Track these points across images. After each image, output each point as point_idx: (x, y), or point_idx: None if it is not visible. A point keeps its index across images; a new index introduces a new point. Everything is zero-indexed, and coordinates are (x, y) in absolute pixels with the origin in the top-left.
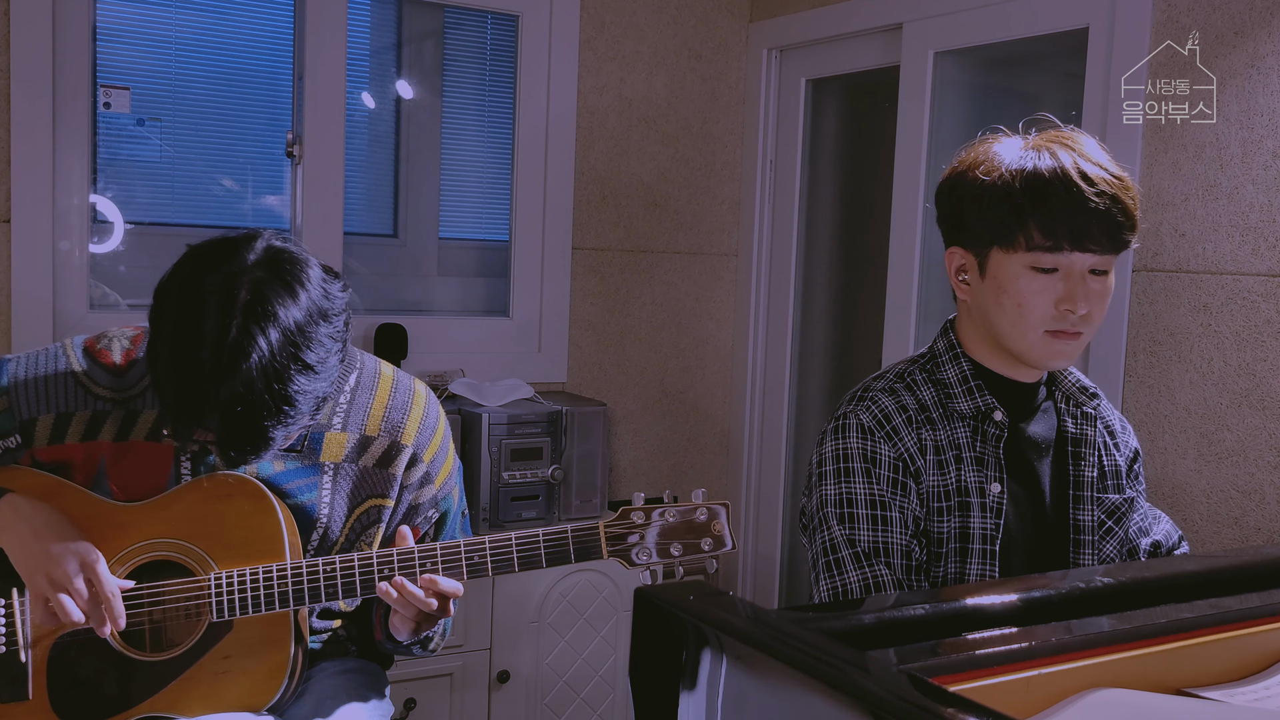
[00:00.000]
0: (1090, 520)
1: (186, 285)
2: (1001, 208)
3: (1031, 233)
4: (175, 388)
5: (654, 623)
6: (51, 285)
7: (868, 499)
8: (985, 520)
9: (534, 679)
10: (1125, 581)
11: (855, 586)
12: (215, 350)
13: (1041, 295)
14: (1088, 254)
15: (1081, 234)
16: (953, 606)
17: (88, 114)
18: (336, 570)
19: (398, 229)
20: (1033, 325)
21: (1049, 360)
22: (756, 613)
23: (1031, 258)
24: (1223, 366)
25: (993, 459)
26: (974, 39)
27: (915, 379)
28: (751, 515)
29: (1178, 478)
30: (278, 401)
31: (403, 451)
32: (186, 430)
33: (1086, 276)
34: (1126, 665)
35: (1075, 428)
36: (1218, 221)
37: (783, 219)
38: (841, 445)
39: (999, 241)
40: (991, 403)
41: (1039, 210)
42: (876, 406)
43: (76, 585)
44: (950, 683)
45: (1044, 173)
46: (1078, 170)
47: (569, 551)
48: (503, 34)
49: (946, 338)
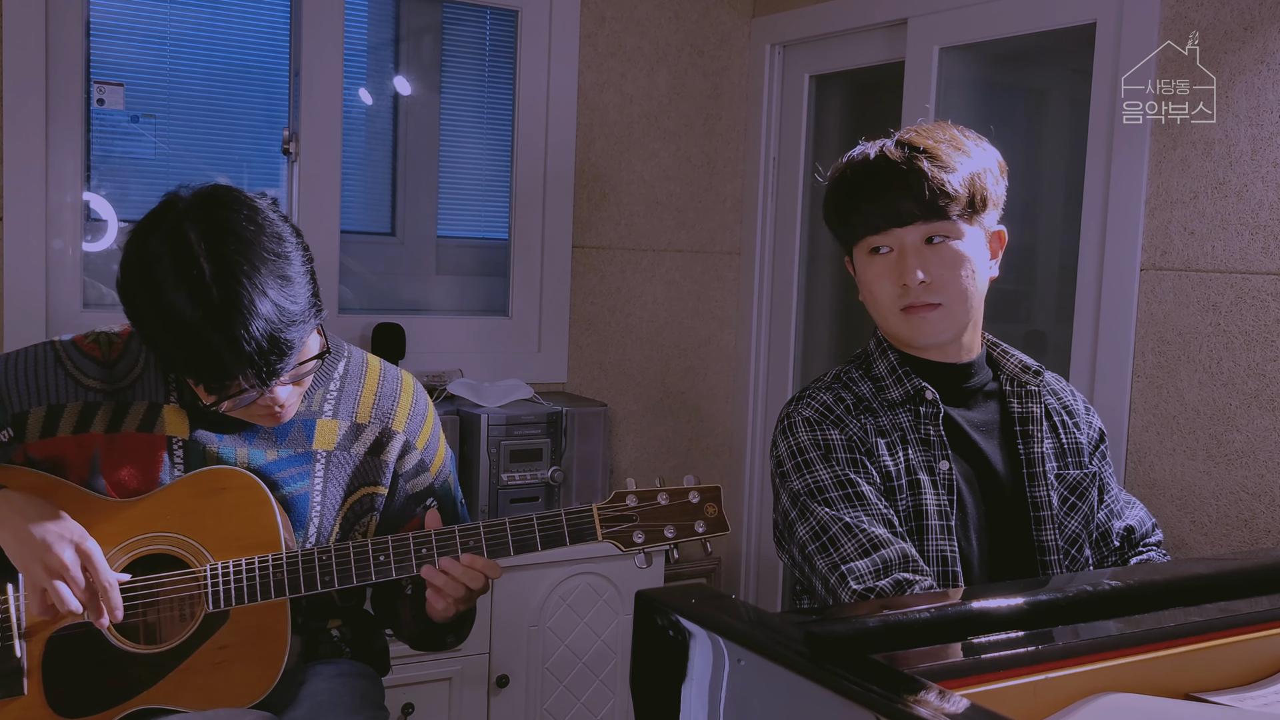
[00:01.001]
0: (1047, 497)
1: (142, 263)
2: (829, 211)
3: (853, 226)
4: (190, 353)
5: (656, 626)
6: (44, 284)
7: (834, 482)
8: (939, 496)
9: (533, 683)
10: (1133, 585)
11: (852, 553)
12: (202, 298)
13: (883, 277)
14: (908, 226)
15: (888, 208)
16: (958, 610)
17: (81, 110)
18: (332, 558)
19: (395, 227)
20: (887, 306)
21: (916, 337)
22: (759, 616)
23: (865, 244)
24: (1232, 366)
25: (936, 439)
26: (980, 34)
27: (851, 377)
28: (754, 517)
29: (1186, 479)
30: (283, 295)
31: (394, 438)
32: (224, 388)
33: (922, 249)
34: (1134, 669)
35: (1021, 407)
36: (1227, 219)
37: (786, 217)
38: (793, 442)
39: (845, 242)
40: (920, 384)
41: (844, 204)
42: (816, 401)
43: (73, 573)
44: (956, 687)
45: (844, 169)
46: (879, 153)
47: (563, 533)
48: (502, 29)
49: (875, 336)
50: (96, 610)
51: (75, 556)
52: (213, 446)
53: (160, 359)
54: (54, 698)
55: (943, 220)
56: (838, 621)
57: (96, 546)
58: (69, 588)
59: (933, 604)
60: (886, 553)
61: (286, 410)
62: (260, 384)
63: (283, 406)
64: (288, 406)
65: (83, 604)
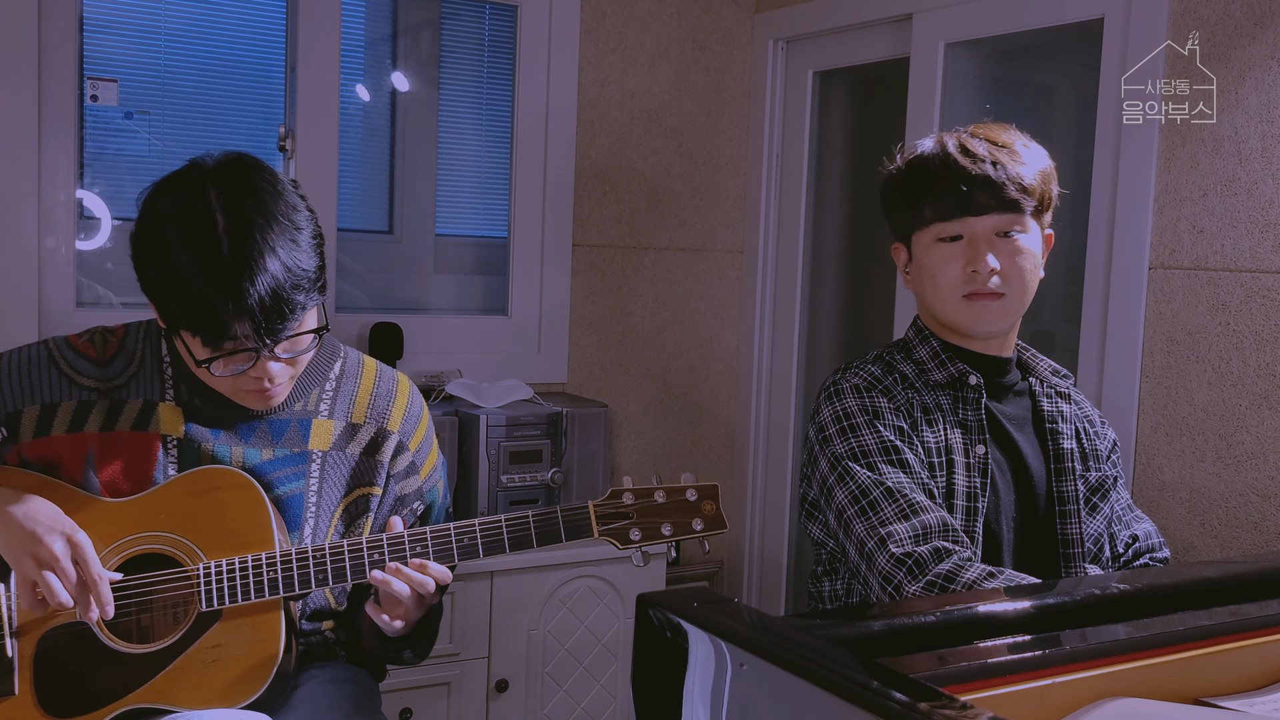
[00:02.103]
0: (1074, 491)
1: (158, 214)
2: (898, 195)
3: (924, 209)
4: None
5: (657, 630)
6: (37, 283)
7: (879, 447)
8: (970, 479)
9: (533, 687)
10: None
11: (892, 517)
12: (213, 248)
13: (950, 262)
14: (983, 216)
15: (967, 199)
16: (964, 613)
17: (74, 107)
18: (326, 556)
19: (393, 225)
20: (948, 291)
21: (976, 323)
22: (762, 620)
23: (934, 230)
24: (1242, 367)
25: (975, 422)
26: (986, 30)
27: (894, 358)
28: (757, 519)
29: (1196, 481)
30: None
31: (389, 438)
32: (220, 340)
33: (993, 239)
34: (1143, 674)
35: (1050, 406)
36: (1236, 217)
37: (789, 215)
38: (840, 407)
39: (909, 226)
40: (964, 368)
41: (923, 186)
42: (865, 371)
43: (63, 564)
44: (962, 692)
45: (925, 154)
46: (958, 145)
47: (559, 530)
48: (501, 25)
49: (915, 326)
50: (86, 604)
51: (66, 547)
52: (208, 445)
53: (161, 310)
54: (45, 697)
55: (1016, 214)
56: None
57: (87, 539)
58: (59, 579)
59: (939, 607)
60: (927, 518)
61: (276, 390)
62: (259, 342)
63: (273, 383)
64: (278, 386)
65: (73, 597)
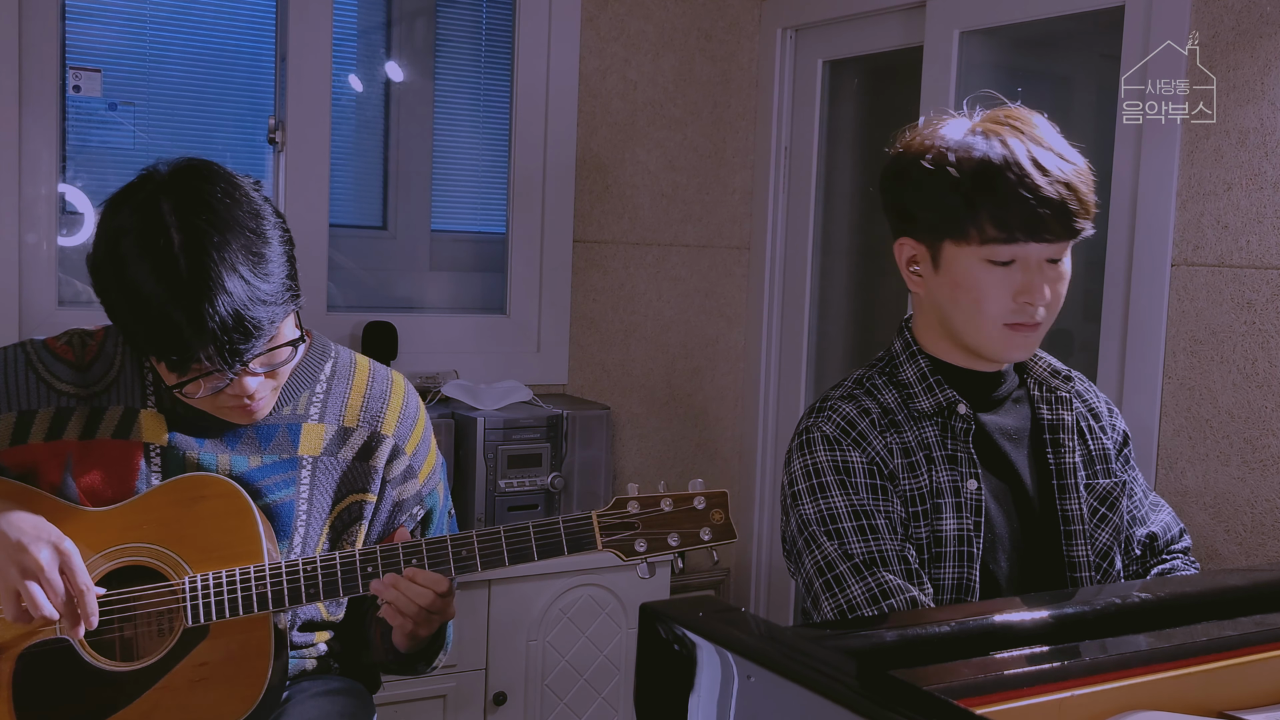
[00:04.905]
0: (1078, 509)
1: (112, 232)
2: (951, 199)
3: (984, 225)
4: (152, 325)
5: (661, 641)
6: (17, 280)
7: (849, 511)
8: (962, 520)
9: (533, 700)
10: (1164, 597)
11: (860, 599)
12: (168, 268)
13: (999, 288)
14: (1044, 243)
15: (1037, 224)
16: (980, 623)
17: (56, 98)
18: (317, 569)
19: (387, 221)
20: (991, 319)
21: (1007, 354)
22: (770, 630)
23: (986, 250)
24: (1268, 367)
25: (964, 455)
26: (1002, 18)
27: (875, 383)
28: (765, 525)
29: (1220, 486)
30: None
31: (383, 443)
32: (184, 366)
33: (1044, 266)
34: (1165, 686)
35: (1051, 414)
36: (1263, 212)
37: (798, 210)
38: (810, 461)
39: (951, 234)
40: (953, 396)
41: (990, 202)
42: (838, 414)
43: (49, 574)
44: (978, 704)
45: (994, 161)
46: (1030, 159)
47: (561, 542)
48: (499, 11)
49: (903, 337)
50: (72, 618)
51: (53, 557)
52: (193, 453)
53: (122, 332)
54: (25, 718)
55: (1069, 241)
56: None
57: (74, 548)
58: (44, 591)
59: (954, 617)
60: (895, 602)
61: (259, 405)
62: (224, 365)
63: (253, 399)
64: (260, 401)
65: (58, 610)
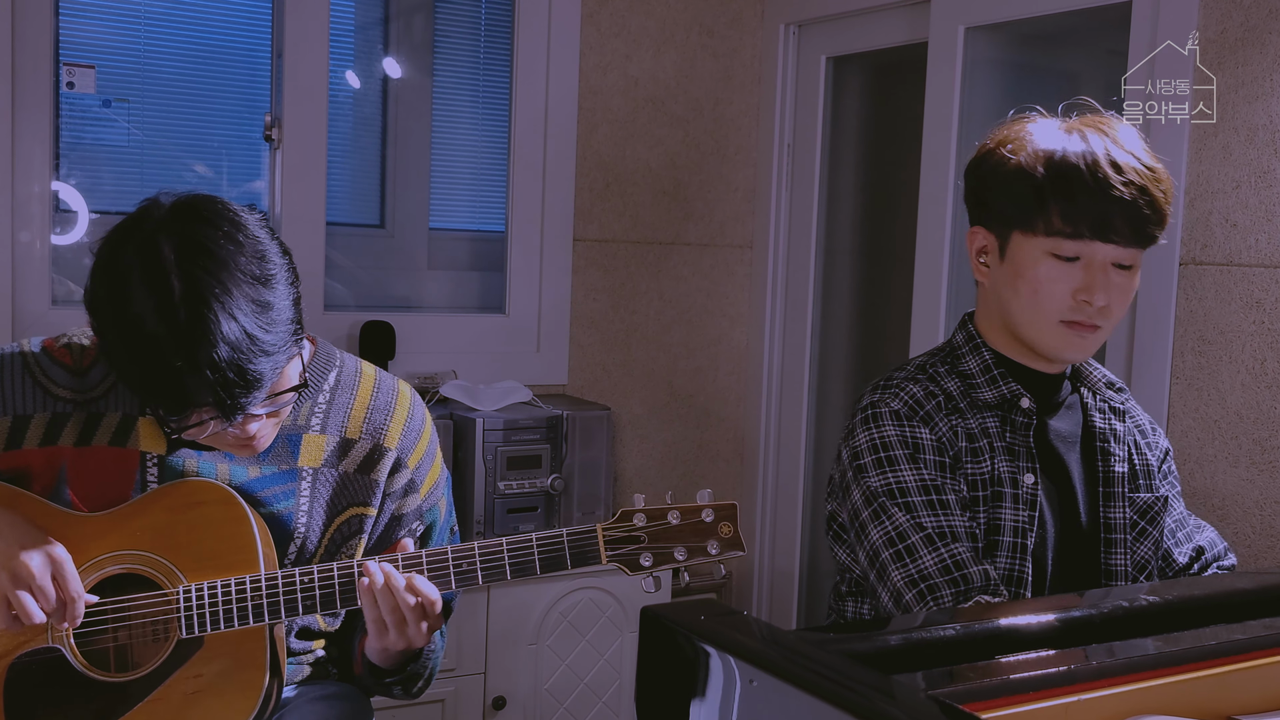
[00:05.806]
0: (1122, 519)
1: (110, 276)
2: (1023, 188)
3: (1052, 218)
4: (149, 376)
5: (662, 645)
6: (10, 280)
7: (919, 485)
8: (1018, 512)
9: (532, 705)
10: (1172, 600)
11: (933, 569)
12: (167, 318)
13: (1059, 283)
14: (1110, 245)
15: (1105, 224)
16: (985, 627)
17: (49, 94)
18: (314, 580)
19: (385, 219)
20: (1048, 314)
21: (1062, 351)
22: (773, 634)
23: (1052, 244)
24: (1277, 367)
25: (1024, 449)
26: (1008, 13)
27: (937, 371)
28: (768, 528)
29: (1228, 488)
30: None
31: (386, 455)
32: (183, 416)
33: (1109, 268)
34: (1173, 690)
35: (1103, 422)
36: (1272, 210)
37: (801, 208)
38: (877, 435)
39: (1020, 224)
40: (1017, 389)
41: (1061, 194)
42: (905, 393)
43: (40, 581)
44: (983, 709)
45: (1070, 156)
46: (1107, 157)
47: (564, 556)
48: (498, 7)
49: (965, 330)
50: (60, 622)
51: (45, 563)
52: (191, 462)
53: (119, 377)
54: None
55: (1140, 249)
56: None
57: (67, 555)
58: (34, 598)
59: (959, 621)
60: (970, 572)
61: (260, 442)
62: (223, 417)
63: (255, 439)
64: (261, 438)
65: (48, 616)
